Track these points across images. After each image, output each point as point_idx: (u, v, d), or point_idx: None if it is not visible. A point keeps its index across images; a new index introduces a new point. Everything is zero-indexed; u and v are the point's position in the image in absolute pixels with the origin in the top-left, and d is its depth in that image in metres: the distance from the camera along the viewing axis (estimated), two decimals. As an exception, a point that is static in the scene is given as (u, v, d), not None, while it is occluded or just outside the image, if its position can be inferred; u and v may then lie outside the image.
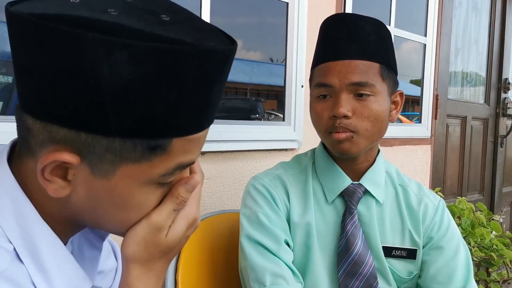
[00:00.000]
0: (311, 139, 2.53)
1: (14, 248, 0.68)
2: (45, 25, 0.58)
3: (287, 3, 2.56)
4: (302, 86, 2.57)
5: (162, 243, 0.76)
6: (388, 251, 1.42)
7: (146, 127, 0.63)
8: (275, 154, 2.47)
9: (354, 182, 1.43)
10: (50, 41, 0.59)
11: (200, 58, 0.62)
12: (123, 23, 0.60)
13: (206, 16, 2.17)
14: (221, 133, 2.16)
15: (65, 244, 0.75)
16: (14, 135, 0.72)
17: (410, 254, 1.43)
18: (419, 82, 3.90)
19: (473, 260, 2.35)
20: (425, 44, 3.80)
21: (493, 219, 2.89)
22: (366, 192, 1.43)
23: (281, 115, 2.67)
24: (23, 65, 0.64)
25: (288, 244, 1.39)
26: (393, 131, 1.32)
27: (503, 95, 4.98)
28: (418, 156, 3.76)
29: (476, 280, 1.51)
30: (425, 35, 3.79)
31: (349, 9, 2.92)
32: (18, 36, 0.62)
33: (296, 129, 2.56)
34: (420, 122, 3.87)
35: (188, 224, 0.78)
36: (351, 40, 1.34)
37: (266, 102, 3.68)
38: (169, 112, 0.63)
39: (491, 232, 2.68)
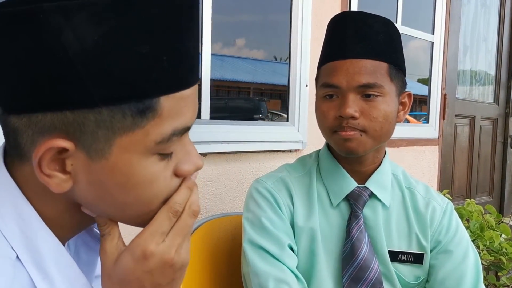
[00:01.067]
0: (315, 140, 2.53)
1: (17, 256, 0.67)
2: (1, 12, 0.59)
3: None
4: (307, 86, 2.57)
5: (111, 273, 0.75)
6: (394, 256, 1.42)
7: (128, 89, 0.62)
8: (279, 155, 2.47)
9: (359, 185, 1.42)
10: (11, 27, 0.59)
11: (160, 3, 0.62)
12: None
13: (207, 14, 2.17)
14: (223, 133, 2.16)
15: None
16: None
17: (417, 258, 1.43)
18: (426, 81, 3.90)
19: (482, 264, 2.34)
20: (432, 42, 3.79)
21: (502, 222, 2.88)
22: (372, 195, 1.42)
23: (285, 115, 2.67)
24: None
25: (292, 249, 1.39)
26: (400, 131, 1.32)
27: (513, 94, 4.98)
28: (426, 157, 3.75)
29: (485, 285, 1.50)
30: (433, 33, 3.79)
31: (354, 6, 2.92)
32: None
33: (300, 130, 2.56)
34: (427, 122, 3.87)
35: (135, 258, 0.73)
36: (359, 39, 1.33)
37: (269, 101, 3.68)
38: (146, 67, 0.63)
39: (501, 235, 2.67)
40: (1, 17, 0.59)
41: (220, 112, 2.78)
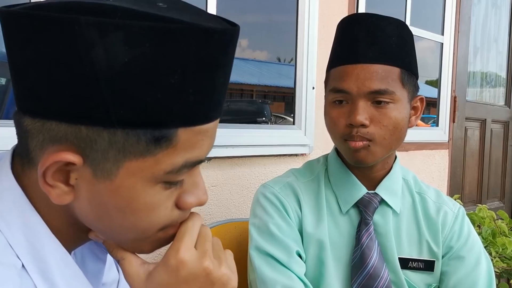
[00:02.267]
0: (322, 144, 2.53)
1: (23, 265, 0.68)
2: (37, 15, 0.59)
3: None
4: (313, 88, 2.57)
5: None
6: (405, 263, 1.41)
7: (148, 116, 0.62)
8: (285, 160, 2.47)
9: (369, 192, 1.42)
10: (43, 31, 0.59)
11: (199, 37, 0.62)
12: (116, 4, 0.60)
13: (211, 13, 2.17)
14: (229, 137, 2.16)
15: None
16: (7, 140, 0.72)
17: (428, 265, 1.42)
18: (435, 83, 3.90)
19: (494, 271, 2.34)
20: (442, 43, 3.79)
21: (515, 228, 2.87)
22: (382, 201, 1.42)
23: (290, 118, 2.67)
24: (18, 63, 0.64)
25: (300, 256, 1.39)
26: (408, 135, 1.32)
27: (524, 97, 4.97)
28: (435, 161, 3.75)
29: (497, 293, 1.50)
30: (442, 34, 3.79)
31: (362, 6, 2.92)
32: (12, 34, 0.63)
33: (307, 133, 2.56)
34: (437, 125, 3.86)
35: (169, 270, 0.75)
36: (371, 42, 1.32)
37: (273, 104, 3.69)
38: (171, 97, 0.63)
39: (513, 242, 2.67)
40: (35, 20, 0.60)
41: (222, 115, 2.79)
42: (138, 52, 0.60)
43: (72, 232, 0.75)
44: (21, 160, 0.71)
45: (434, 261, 1.42)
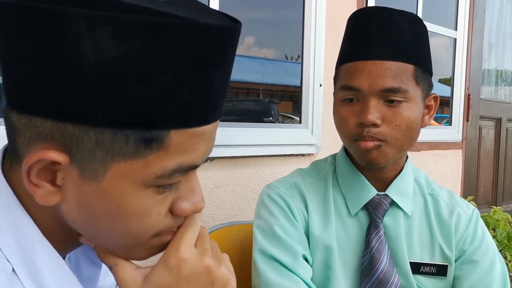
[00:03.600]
0: (330, 144, 2.52)
1: (13, 268, 0.67)
2: (24, 5, 0.58)
3: (304, -5, 2.56)
4: (321, 85, 2.56)
5: None
6: (416, 268, 1.40)
7: (137, 115, 0.61)
8: (291, 160, 2.46)
9: (379, 193, 1.40)
10: (31, 22, 0.59)
11: (194, 33, 0.60)
12: None
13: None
14: (232, 137, 2.15)
15: None
16: (3, 140, 0.71)
17: (440, 270, 1.41)
18: (449, 81, 3.88)
19: (509, 275, 2.32)
20: (455, 39, 3.78)
21: (531, 231, 2.86)
22: (393, 203, 1.40)
23: (297, 118, 2.66)
24: (6, 56, 0.64)
25: (306, 260, 1.37)
26: (420, 134, 1.31)
27: (541, 95, 4.95)
28: (448, 161, 3.73)
29: (513, 298, 1.49)
30: (456, 29, 3.78)
31: (371, 0, 2.91)
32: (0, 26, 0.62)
33: (314, 133, 2.55)
34: (450, 124, 3.85)
35: (169, 269, 0.75)
36: (384, 38, 1.30)
37: (280, 103, 3.69)
38: (163, 97, 0.61)
39: (530, 246, 2.66)
40: (22, 10, 0.59)
41: (228, 115, 2.78)
42: (128, 47, 0.58)
43: (61, 235, 0.74)
44: (10, 157, 0.70)
45: (447, 265, 1.41)
